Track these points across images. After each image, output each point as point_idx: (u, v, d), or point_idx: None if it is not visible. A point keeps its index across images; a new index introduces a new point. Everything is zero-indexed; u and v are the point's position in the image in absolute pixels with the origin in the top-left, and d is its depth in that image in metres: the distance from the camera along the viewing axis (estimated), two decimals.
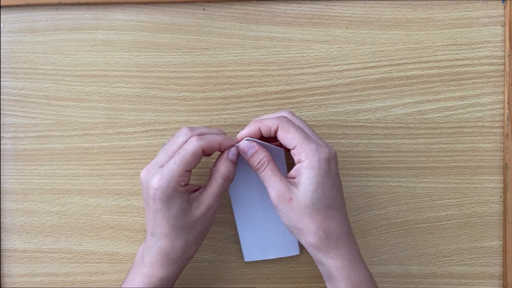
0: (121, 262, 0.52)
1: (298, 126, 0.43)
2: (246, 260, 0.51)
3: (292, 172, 0.43)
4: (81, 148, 0.52)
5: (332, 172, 0.42)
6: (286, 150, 0.46)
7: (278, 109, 0.51)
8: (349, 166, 0.51)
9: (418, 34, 0.51)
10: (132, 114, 0.51)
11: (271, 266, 0.52)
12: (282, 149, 0.46)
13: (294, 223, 0.43)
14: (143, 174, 0.43)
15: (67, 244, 0.52)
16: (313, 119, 0.51)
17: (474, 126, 0.51)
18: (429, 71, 0.51)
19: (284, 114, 0.45)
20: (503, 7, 0.50)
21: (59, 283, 0.52)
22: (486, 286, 0.52)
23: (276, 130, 0.43)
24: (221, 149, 0.44)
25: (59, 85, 0.51)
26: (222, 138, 0.44)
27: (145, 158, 0.52)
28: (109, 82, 0.51)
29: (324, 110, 0.51)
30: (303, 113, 0.51)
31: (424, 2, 0.50)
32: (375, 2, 0.51)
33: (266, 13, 0.51)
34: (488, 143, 0.51)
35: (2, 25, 0.51)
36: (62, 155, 0.52)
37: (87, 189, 0.52)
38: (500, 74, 0.51)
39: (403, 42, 0.51)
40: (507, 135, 0.50)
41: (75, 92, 0.51)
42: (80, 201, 0.52)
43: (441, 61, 0.51)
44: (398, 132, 0.51)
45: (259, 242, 0.50)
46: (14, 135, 0.52)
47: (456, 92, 0.51)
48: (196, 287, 0.52)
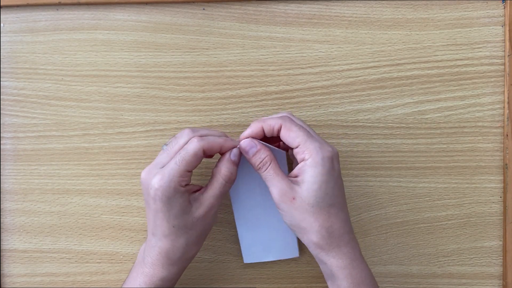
0: (121, 262, 0.52)
1: (301, 125, 0.43)
2: (246, 261, 0.51)
3: (294, 171, 0.43)
4: (81, 148, 0.52)
5: (335, 170, 0.42)
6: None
7: (278, 109, 0.51)
8: (349, 166, 0.51)
9: (418, 34, 0.51)
10: (132, 114, 0.51)
11: (271, 266, 0.52)
12: (283, 151, 0.46)
13: (297, 222, 0.43)
14: (144, 174, 0.43)
15: (67, 244, 0.52)
16: (313, 119, 0.51)
17: (474, 126, 0.51)
18: (429, 71, 0.51)
19: (283, 115, 0.45)
20: (503, 7, 0.50)
21: (59, 283, 0.52)
22: (486, 286, 0.52)
23: (279, 129, 0.43)
24: (222, 150, 0.44)
25: (59, 85, 0.51)
26: (224, 139, 0.44)
27: (145, 158, 0.52)
28: (109, 82, 0.51)
29: (324, 110, 0.51)
30: (303, 113, 0.51)
31: (424, 2, 0.50)
32: (375, 2, 0.51)
33: (266, 13, 0.51)
34: (488, 143, 0.51)
35: (2, 25, 0.51)
36: (62, 155, 0.52)
37: (87, 189, 0.52)
38: (500, 74, 0.51)
39: (403, 42, 0.51)
40: (507, 135, 0.50)
41: (75, 92, 0.51)
42: (80, 201, 0.52)
43: (441, 61, 0.51)
44: (398, 132, 0.51)
45: (259, 243, 0.50)
46: (14, 135, 0.52)
47: (456, 92, 0.51)
48: (196, 287, 0.52)
